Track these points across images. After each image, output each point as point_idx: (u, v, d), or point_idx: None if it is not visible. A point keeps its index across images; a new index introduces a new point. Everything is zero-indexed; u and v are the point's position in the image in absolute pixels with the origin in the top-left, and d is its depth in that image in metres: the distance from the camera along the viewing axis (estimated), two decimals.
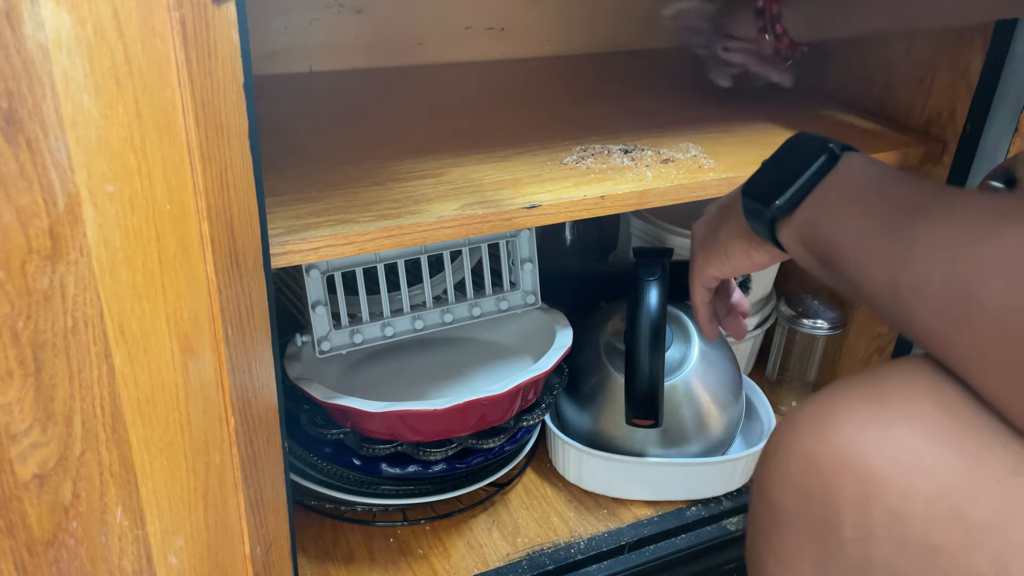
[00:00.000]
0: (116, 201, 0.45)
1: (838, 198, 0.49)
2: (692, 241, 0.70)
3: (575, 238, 1.14)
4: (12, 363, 0.45)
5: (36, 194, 0.42)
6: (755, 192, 0.55)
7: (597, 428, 0.89)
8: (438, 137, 0.84)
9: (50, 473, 0.48)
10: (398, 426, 0.77)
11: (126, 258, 0.46)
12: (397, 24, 1.06)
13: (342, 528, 0.87)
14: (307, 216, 0.64)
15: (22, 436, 0.47)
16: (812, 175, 0.50)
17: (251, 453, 0.58)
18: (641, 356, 0.78)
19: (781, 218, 0.52)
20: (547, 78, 1.10)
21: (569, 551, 0.84)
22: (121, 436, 0.50)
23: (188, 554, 0.57)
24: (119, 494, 0.52)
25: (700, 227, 0.69)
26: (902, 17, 0.73)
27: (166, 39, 0.43)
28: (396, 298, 0.82)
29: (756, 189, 0.55)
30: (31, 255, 0.43)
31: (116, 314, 0.47)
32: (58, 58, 0.41)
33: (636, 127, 0.87)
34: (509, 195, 0.70)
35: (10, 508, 0.48)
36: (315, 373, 0.80)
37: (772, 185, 0.52)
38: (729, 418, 0.90)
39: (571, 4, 1.15)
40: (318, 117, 0.89)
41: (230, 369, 0.54)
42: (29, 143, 0.41)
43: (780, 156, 0.55)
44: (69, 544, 0.51)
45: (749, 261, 0.61)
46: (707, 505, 0.90)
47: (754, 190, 0.55)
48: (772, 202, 0.52)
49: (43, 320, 0.45)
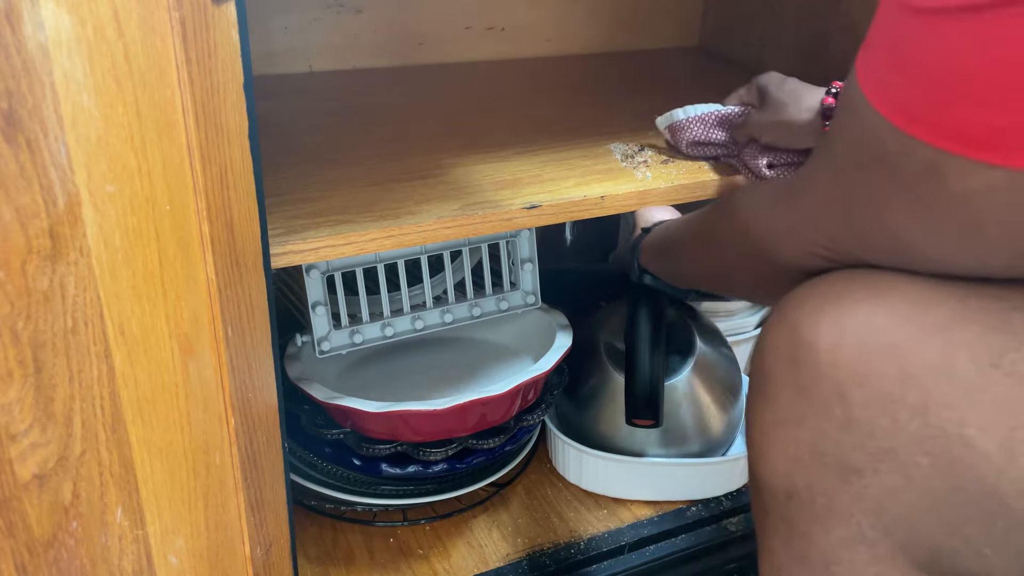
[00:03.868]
0: (116, 201, 0.45)
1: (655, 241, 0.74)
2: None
3: (575, 238, 1.14)
4: (12, 363, 0.45)
5: (36, 194, 0.42)
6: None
7: (597, 428, 0.89)
8: (438, 137, 0.84)
9: (50, 473, 0.48)
10: (398, 426, 0.77)
11: (126, 258, 0.46)
12: (397, 24, 1.06)
13: (342, 528, 0.87)
14: (307, 216, 0.64)
15: (22, 436, 0.47)
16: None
17: (251, 453, 0.58)
18: (641, 356, 0.78)
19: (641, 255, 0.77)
20: (547, 78, 1.10)
21: (569, 551, 0.84)
22: (121, 436, 0.50)
23: (188, 554, 0.57)
24: (119, 494, 0.52)
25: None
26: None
27: (166, 39, 0.43)
28: (396, 298, 0.82)
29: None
30: (31, 255, 0.43)
31: (116, 314, 0.47)
32: (58, 58, 0.41)
33: (636, 127, 0.87)
34: (509, 195, 0.70)
35: (10, 508, 0.48)
36: (315, 373, 0.80)
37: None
38: (729, 418, 0.90)
39: (571, 4, 1.15)
40: (318, 117, 0.89)
41: (230, 369, 0.54)
42: (29, 143, 0.41)
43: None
44: (69, 544, 0.51)
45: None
46: (707, 505, 0.90)
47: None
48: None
49: (43, 320, 0.45)
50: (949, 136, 0.38)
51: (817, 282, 0.48)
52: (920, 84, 0.39)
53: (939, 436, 0.41)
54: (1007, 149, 0.36)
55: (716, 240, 0.62)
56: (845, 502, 0.45)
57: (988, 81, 0.36)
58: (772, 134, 0.72)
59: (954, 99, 0.37)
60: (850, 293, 0.45)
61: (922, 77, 0.38)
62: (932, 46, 0.37)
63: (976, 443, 0.40)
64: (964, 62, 0.36)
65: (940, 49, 0.37)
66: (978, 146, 0.37)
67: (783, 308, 0.48)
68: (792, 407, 0.46)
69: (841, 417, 0.44)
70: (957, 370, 0.41)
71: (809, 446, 0.46)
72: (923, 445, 0.42)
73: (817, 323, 0.45)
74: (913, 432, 0.42)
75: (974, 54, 0.36)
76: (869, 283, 0.45)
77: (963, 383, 0.41)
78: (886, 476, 0.43)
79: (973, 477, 0.41)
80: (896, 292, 0.44)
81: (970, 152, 0.38)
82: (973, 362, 0.41)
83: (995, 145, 0.37)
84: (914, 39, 0.38)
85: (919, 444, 0.42)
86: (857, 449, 0.44)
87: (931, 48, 0.38)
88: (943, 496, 0.42)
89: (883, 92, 0.41)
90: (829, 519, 0.46)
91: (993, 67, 0.35)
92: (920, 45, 0.38)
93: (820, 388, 0.45)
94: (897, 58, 0.40)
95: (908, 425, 0.42)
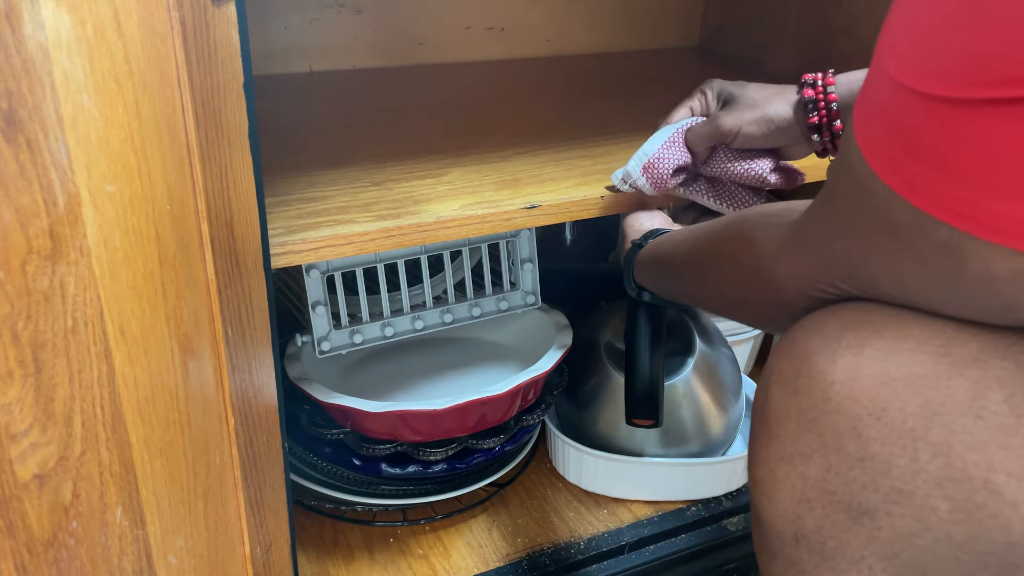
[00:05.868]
0: (116, 201, 0.45)
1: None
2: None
3: (575, 238, 1.14)
4: (12, 363, 0.45)
5: (36, 194, 0.42)
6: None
7: (597, 428, 0.89)
8: (438, 137, 0.84)
9: (50, 473, 0.48)
10: (398, 426, 0.77)
11: (126, 258, 0.46)
12: (397, 24, 1.06)
13: (342, 528, 0.87)
14: (307, 216, 0.64)
15: (22, 436, 0.47)
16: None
17: (251, 453, 0.58)
18: (641, 356, 0.78)
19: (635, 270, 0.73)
20: (547, 78, 1.10)
21: (569, 551, 0.84)
22: (121, 436, 0.50)
23: (188, 554, 0.57)
24: (119, 494, 0.52)
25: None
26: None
27: (166, 39, 0.43)
28: (396, 298, 0.82)
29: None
30: (31, 255, 0.43)
31: (116, 314, 0.47)
32: (58, 58, 0.41)
33: (636, 127, 0.87)
34: (509, 195, 0.70)
35: (10, 508, 0.48)
36: (315, 373, 0.80)
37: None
38: (729, 418, 0.90)
39: (571, 4, 1.15)
40: (318, 117, 0.89)
41: (230, 369, 0.54)
42: (29, 143, 0.41)
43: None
44: (69, 544, 0.51)
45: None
46: (707, 505, 0.90)
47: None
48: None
49: (43, 320, 0.45)
50: (965, 218, 0.35)
51: (835, 309, 0.44)
52: (928, 166, 0.35)
53: (962, 479, 0.38)
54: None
55: (717, 267, 0.58)
56: (856, 546, 0.42)
57: (1005, 173, 0.32)
58: (753, 128, 0.70)
59: (967, 185, 0.34)
60: (870, 321, 0.42)
61: (931, 161, 0.35)
62: (940, 132, 0.34)
63: (1004, 491, 0.37)
64: (977, 152, 0.33)
65: (949, 137, 0.34)
66: (1000, 233, 0.34)
67: (794, 335, 0.45)
68: (800, 441, 0.43)
69: (855, 453, 0.41)
70: (988, 409, 0.38)
71: (818, 484, 0.43)
72: (943, 488, 0.39)
73: (834, 351, 0.42)
74: (933, 473, 0.39)
75: (987, 145, 0.33)
76: (892, 312, 0.42)
77: (994, 423, 0.37)
78: (900, 519, 0.40)
79: (997, 527, 0.38)
80: (923, 323, 0.40)
81: (991, 237, 0.34)
82: (1006, 402, 0.37)
83: (1019, 234, 0.33)
84: (917, 120, 0.35)
85: (939, 487, 0.39)
86: (869, 488, 0.41)
87: (939, 134, 0.34)
88: (961, 544, 0.39)
89: (889, 165, 0.37)
90: (839, 563, 0.43)
91: (1009, 160, 0.32)
92: (926, 128, 0.35)
93: (833, 420, 0.41)
94: (900, 135, 0.36)
95: (928, 465, 0.39)
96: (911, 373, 0.39)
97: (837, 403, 0.41)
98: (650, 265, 0.70)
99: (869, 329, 0.41)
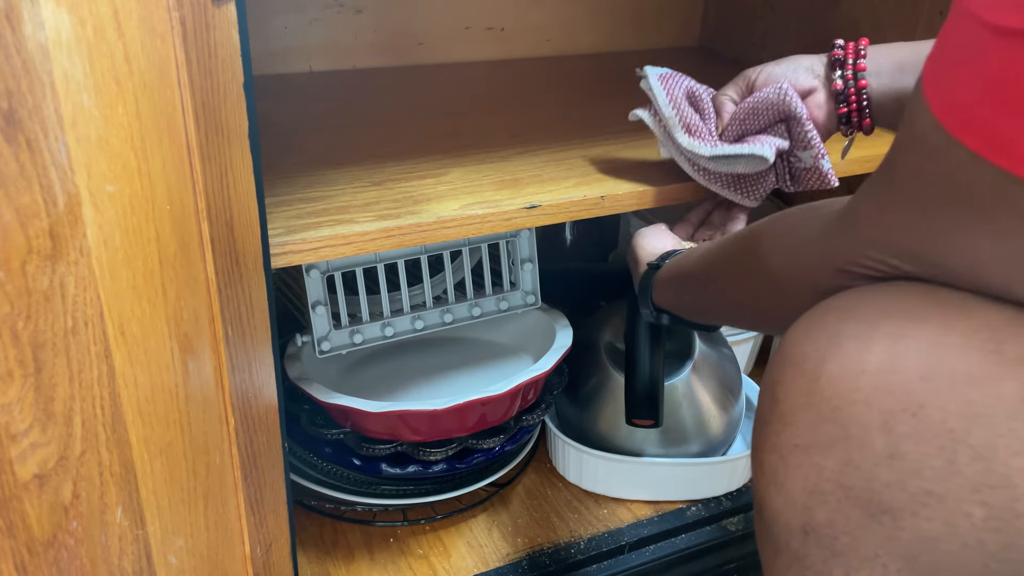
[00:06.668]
0: (116, 201, 0.45)
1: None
2: None
3: (575, 238, 1.14)
4: (12, 363, 0.45)
5: (36, 194, 0.42)
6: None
7: (597, 428, 0.89)
8: (438, 137, 0.84)
9: (50, 473, 0.48)
10: (398, 426, 0.77)
11: (126, 258, 0.46)
12: (397, 24, 1.06)
13: (342, 528, 0.87)
14: (307, 216, 0.64)
15: (22, 436, 0.47)
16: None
17: (251, 453, 0.58)
18: (641, 356, 0.78)
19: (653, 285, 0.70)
20: (547, 78, 1.10)
21: (569, 551, 0.84)
22: (121, 436, 0.50)
23: (188, 554, 0.57)
24: (119, 494, 0.52)
25: None
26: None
27: (166, 39, 0.43)
28: (396, 298, 0.82)
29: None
30: (31, 255, 0.43)
31: (116, 314, 0.47)
32: (58, 58, 0.41)
33: (636, 127, 0.87)
34: (509, 195, 0.70)
35: (10, 508, 0.48)
36: (315, 373, 0.80)
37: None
38: (729, 418, 0.90)
39: (571, 4, 1.15)
40: (318, 117, 0.89)
41: (230, 369, 0.54)
42: (29, 143, 0.41)
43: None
44: (69, 544, 0.51)
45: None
46: (707, 505, 0.90)
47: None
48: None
49: (43, 320, 0.45)
50: None
51: (870, 291, 0.41)
52: (1021, 119, 0.32)
53: (1003, 487, 0.36)
54: None
55: (750, 271, 0.55)
56: (872, 544, 0.40)
57: None
58: (776, 68, 0.71)
59: None
60: (911, 309, 0.39)
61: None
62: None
63: None
64: None
65: None
66: None
67: (822, 316, 0.42)
68: (819, 430, 0.40)
69: (882, 449, 0.38)
70: None
71: (834, 476, 0.40)
72: (980, 494, 0.36)
73: (868, 338, 0.39)
74: (971, 477, 0.36)
75: None
76: (936, 300, 0.39)
77: None
78: (927, 522, 0.38)
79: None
80: (971, 313, 0.38)
81: None
82: None
83: None
84: (1013, 66, 0.32)
85: (976, 492, 0.36)
86: (895, 487, 0.38)
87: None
88: (994, 552, 0.37)
89: (973, 127, 0.34)
90: (851, 559, 0.40)
91: None
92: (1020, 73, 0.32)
93: (860, 412, 0.39)
94: (991, 89, 0.33)
95: (966, 469, 0.36)
96: (955, 370, 0.37)
97: (867, 394, 0.38)
98: (671, 284, 0.67)
99: (910, 317, 0.39)
